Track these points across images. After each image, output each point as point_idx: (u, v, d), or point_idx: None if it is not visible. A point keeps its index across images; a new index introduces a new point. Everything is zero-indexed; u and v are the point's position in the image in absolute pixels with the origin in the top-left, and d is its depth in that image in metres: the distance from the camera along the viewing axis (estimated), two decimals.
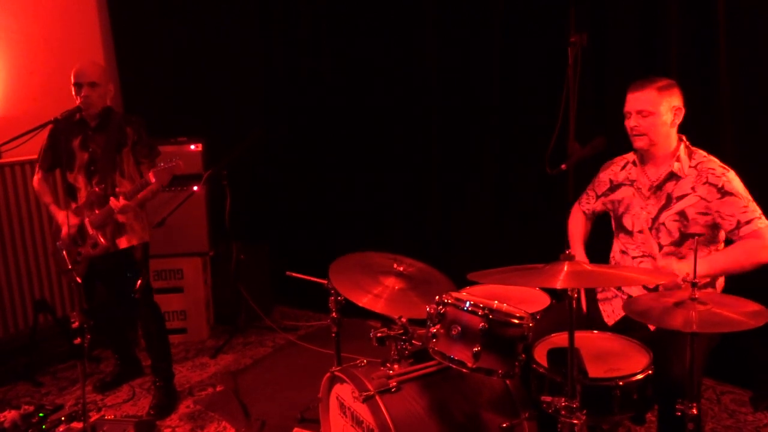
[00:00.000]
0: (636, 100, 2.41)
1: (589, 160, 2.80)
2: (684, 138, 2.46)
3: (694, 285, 1.94)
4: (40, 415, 3.17)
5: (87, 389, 3.56)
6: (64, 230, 3.26)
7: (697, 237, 2.33)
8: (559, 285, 1.89)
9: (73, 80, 3.15)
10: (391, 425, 2.15)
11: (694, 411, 1.94)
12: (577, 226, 2.81)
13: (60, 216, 3.29)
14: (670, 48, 3.18)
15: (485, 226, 3.96)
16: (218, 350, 4.12)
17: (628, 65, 3.31)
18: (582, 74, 2.97)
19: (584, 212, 2.79)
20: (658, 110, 2.38)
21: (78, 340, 2.79)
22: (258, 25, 4.62)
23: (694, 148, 2.45)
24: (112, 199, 3.08)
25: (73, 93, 3.17)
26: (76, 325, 2.81)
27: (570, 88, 2.99)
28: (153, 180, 3.01)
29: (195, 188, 4.15)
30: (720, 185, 2.32)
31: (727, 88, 3.08)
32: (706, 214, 2.34)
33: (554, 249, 2.07)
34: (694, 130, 2.54)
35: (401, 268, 2.61)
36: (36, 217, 4.15)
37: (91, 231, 3.22)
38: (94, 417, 3.25)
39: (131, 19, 4.61)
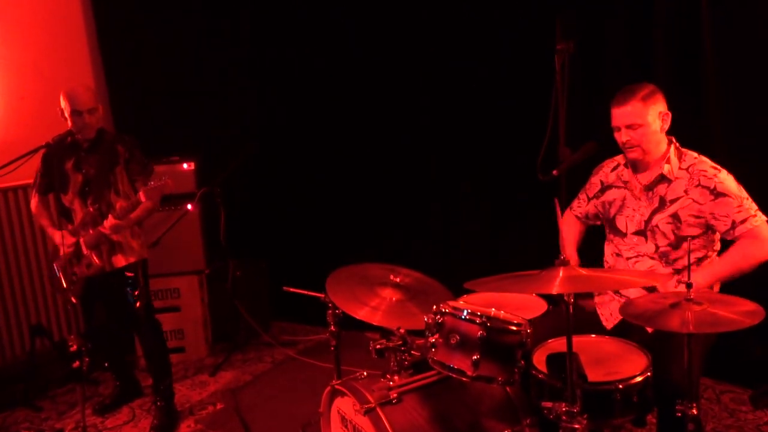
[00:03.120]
0: (623, 114, 2.41)
1: (580, 166, 2.82)
2: (674, 140, 2.48)
3: (689, 286, 1.95)
4: None
5: (87, 412, 3.54)
6: (62, 250, 3.26)
7: (690, 239, 2.35)
8: (555, 290, 1.90)
9: (69, 108, 3.14)
10: None
11: (694, 411, 1.95)
12: (570, 229, 2.83)
13: (56, 237, 3.29)
14: (657, 52, 3.21)
15: (481, 235, 3.98)
16: (217, 368, 4.11)
17: (618, 70, 3.34)
18: (571, 80, 3.01)
19: (577, 216, 2.81)
20: (646, 120, 2.38)
21: (77, 364, 2.79)
22: (249, 42, 4.64)
23: (684, 150, 2.47)
24: (109, 217, 3.06)
25: (68, 119, 3.17)
26: (74, 348, 2.81)
27: (559, 95, 3.02)
28: (144, 199, 3.02)
29: (189, 207, 4.15)
30: (713, 187, 2.33)
31: (715, 90, 3.11)
32: (699, 216, 2.36)
33: (549, 255, 2.07)
34: (683, 133, 2.56)
35: (398, 279, 2.61)
36: (31, 243, 4.14)
37: (85, 251, 3.21)
38: None
39: (120, 40, 4.61)
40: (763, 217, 2.34)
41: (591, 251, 2.80)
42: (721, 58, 3.08)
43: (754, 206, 2.35)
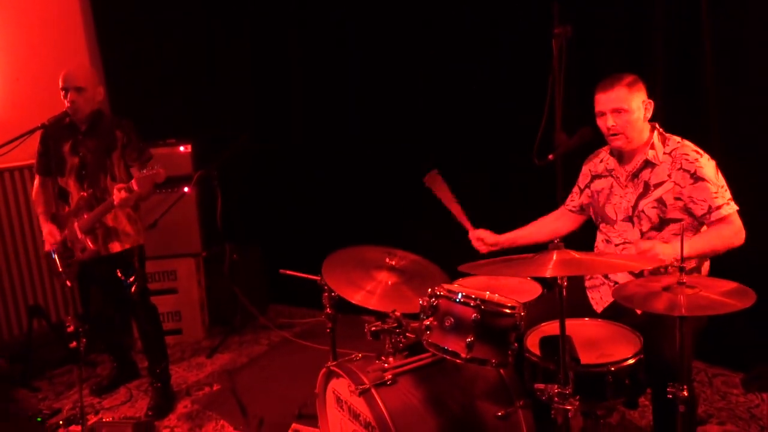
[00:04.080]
0: (608, 99, 2.43)
1: (576, 151, 2.84)
2: (657, 125, 2.50)
3: (681, 270, 1.97)
4: (38, 419, 3.19)
5: (84, 393, 3.56)
6: (47, 246, 3.27)
7: (682, 222, 2.38)
8: (548, 274, 1.92)
9: (60, 84, 3.14)
10: (387, 417, 2.17)
11: (685, 393, 1.97)
12: (543, 222, 2.86)
13: (45, 229, 3.29)
14: (656, 38, 3.20)
15: (476, 219, 3.98)
16: (214, 350, 4.13)
17: (614, 55, 3.33)
18: (568, 65, 3.01)
19: (571, 210, 2.81)
20: (631, 107, 2.40)
21: (74, 344, 2.81)
22: (246, 25, 4.62)
23: (668, 135, 2.48)
24: (114, 191, 3.03)
25: (62, 97, 3.17)
26: (71, 329, 2.83)
27: (555, 80, 3.02)
28: (135, 188, 3.01)
29: (186, 189, 4.16)
30: (693, 171, 2.36)
31: (714, 87, 3.10)
32: (679, 199, 2.39)
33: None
34: (677, 121, 2.57)
35: (393, 262, 2.63)
36: (27, 223, 4.15)
37: (80, 235, 3.22)
38: (92, 420, 3.27)
39: (116, 21, 4.59)
40: (735, 207, 2.38)
41: (581, 238, 2.81)
42: (720, 55, 3.07)
43: (728, 195, 2.39)
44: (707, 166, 2.37)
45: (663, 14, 3.17)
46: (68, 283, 3.34)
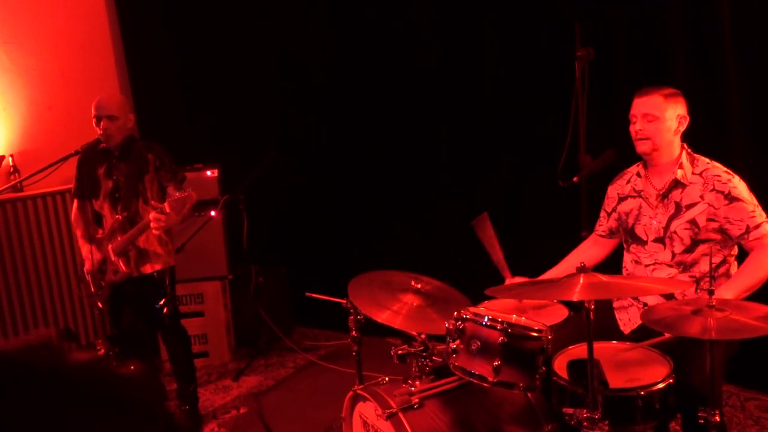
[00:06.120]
0: (642, 104, 2.45)
1: (600, 173, 2.84)
2: (685, 145, 2.49)
3: (710, 293, 1.95)
4: None
5: None
6: (87, 265, 3.35)
7: (712, 243, 2.36)
8: (575, 297, 1.92)
9: (93, 113, 3.23)
10: None
11: (717, 418, 1.95)
12: (579, 251, 2.82)
13: (84, 249, 3.38)
14: (676, 58, 3.21)
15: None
16: (240, 373, 4.16)
17: (636, 77, 3.33)
18: (591, 87, 3.02)
19: (601, 236, 2.80)
20: (663, 116, 2.41)
21: None
22: (271, 50, 4.70)
23: (696, 155, 2.48)
24: (150, 215, 3.07)
25: (94, 124, 3.26)
26: (102, 352, 2.88)
27: (579, 101, 3.04)
28: (168, 209, 3.05)
29: (213, 213, 4.21)
30: (727, 191, 2.35)
31: (735, 98, 3.09)
32: (714, 220, 2.37)
33: None
34: (702, 141, 2.56)
35: (419, 286, 2.63)
36: (59, 248, 4.23)
37: (113, 257, 3.28)
38: None
39: (146, 50, 4.71)
40: None
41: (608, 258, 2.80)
42: (744, 75, 3.06)
43: (764, 214, 2.38)
44: (740, 185, 2.37)
45: (685, 35, 3.17)
46: (100, 305, 3.40)
